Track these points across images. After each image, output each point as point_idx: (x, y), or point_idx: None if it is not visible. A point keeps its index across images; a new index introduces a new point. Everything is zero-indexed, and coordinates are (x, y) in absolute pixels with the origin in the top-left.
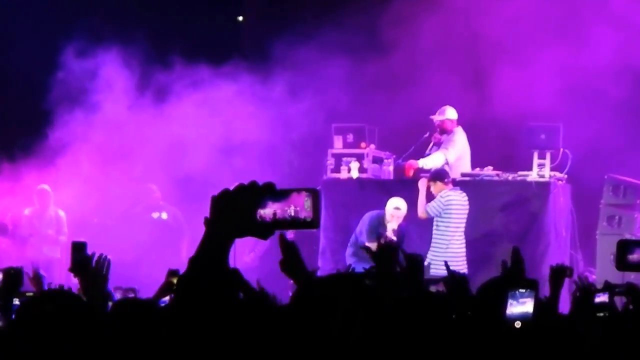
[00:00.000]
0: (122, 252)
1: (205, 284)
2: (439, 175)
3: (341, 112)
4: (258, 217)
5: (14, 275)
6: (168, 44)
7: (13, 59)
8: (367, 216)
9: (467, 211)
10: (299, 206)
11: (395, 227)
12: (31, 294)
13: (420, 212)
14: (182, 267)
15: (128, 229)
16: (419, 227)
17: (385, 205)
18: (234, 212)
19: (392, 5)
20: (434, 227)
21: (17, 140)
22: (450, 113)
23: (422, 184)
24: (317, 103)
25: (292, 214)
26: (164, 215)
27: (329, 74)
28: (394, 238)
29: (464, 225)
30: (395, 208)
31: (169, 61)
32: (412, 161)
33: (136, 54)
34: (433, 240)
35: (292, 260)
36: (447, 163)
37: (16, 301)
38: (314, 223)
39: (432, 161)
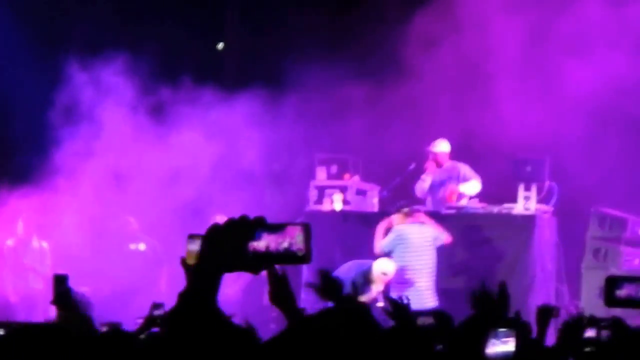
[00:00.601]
0: (100, 285)
1: (195, 319)
2: (398, 208)
3: (324, 143)
4: (250, 250)
5: None
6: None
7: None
8: (354, 267)
9: (428, 245)
10: (292, 240)
11: (382, 288)
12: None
13: (376, 249)
14: (161, 299)
15: (106, 261)
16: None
17: (368, 240)
18: (224, 246)
19: (387, 36)
20: None
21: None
22: (446, 146)
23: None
24: (300, 133)
25: (287, 246)
26: (142, 247)
27: (312, 105)
28: (380, 302)
29: (428, 259)
30: (383, 273)
31: (157, 86)
32: (452, 186)
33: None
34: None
35: (282, 293)
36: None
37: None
38: (305, 258)
39: (470, 188)
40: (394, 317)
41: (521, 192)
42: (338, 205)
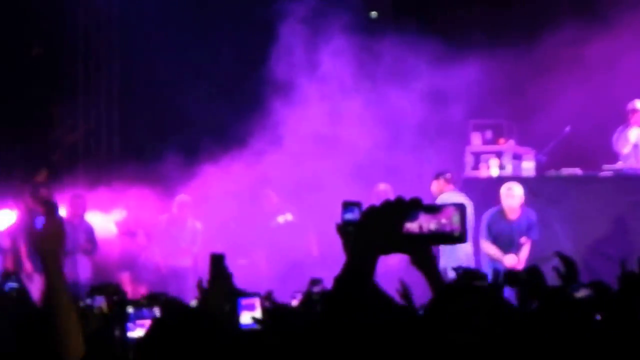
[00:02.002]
0: (255, 258)
1: (352, 303)
2: (438, 174)
3: (478, 108)
4: (405, 231)
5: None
6: None
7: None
8: (485, 214)
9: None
10: (447, 220)
11: (516, 215)
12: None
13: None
14: (316, 267)
15: (256, 235)
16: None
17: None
18: (380, 229)
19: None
20: None
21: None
22: None
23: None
24: (455, 98)
25: (442, 227)
26: (289, 217)
27: (469, 69)
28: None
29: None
30: (508, 189)
31: None
32: None
33: None
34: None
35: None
36: None
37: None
38: (461, 237)
39: None
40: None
41: None
42: (494, 171)
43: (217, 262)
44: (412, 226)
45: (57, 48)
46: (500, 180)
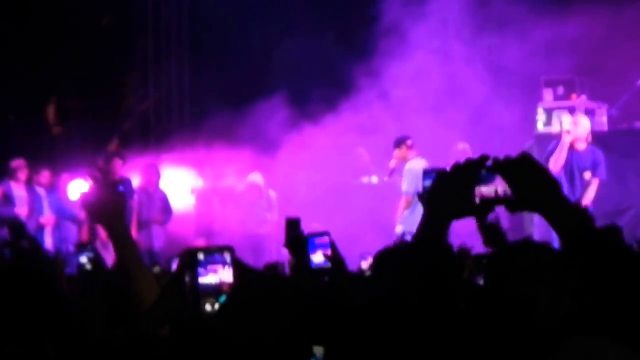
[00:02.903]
0: (332, 220)
1: (425, 265)
2: (400, 141)
3: (549, 64)
4: (480, 196)
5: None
6: None
7: None
8: (551, 144)
9: None
10: None
11: (581, 148)
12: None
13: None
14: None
15: (338, 196)
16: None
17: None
18: (451, 194)
19: None
20: None
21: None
22: None
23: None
24: (525, 54)
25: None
26: (374, 180)
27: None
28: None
29: None
30: (574, 118)
31: None
32: None
33: None
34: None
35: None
36: None
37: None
38: None
39: None
40: None
41: None
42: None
43: (293, 226)
44: (488, 190)
45: (126, 18)
46: None
